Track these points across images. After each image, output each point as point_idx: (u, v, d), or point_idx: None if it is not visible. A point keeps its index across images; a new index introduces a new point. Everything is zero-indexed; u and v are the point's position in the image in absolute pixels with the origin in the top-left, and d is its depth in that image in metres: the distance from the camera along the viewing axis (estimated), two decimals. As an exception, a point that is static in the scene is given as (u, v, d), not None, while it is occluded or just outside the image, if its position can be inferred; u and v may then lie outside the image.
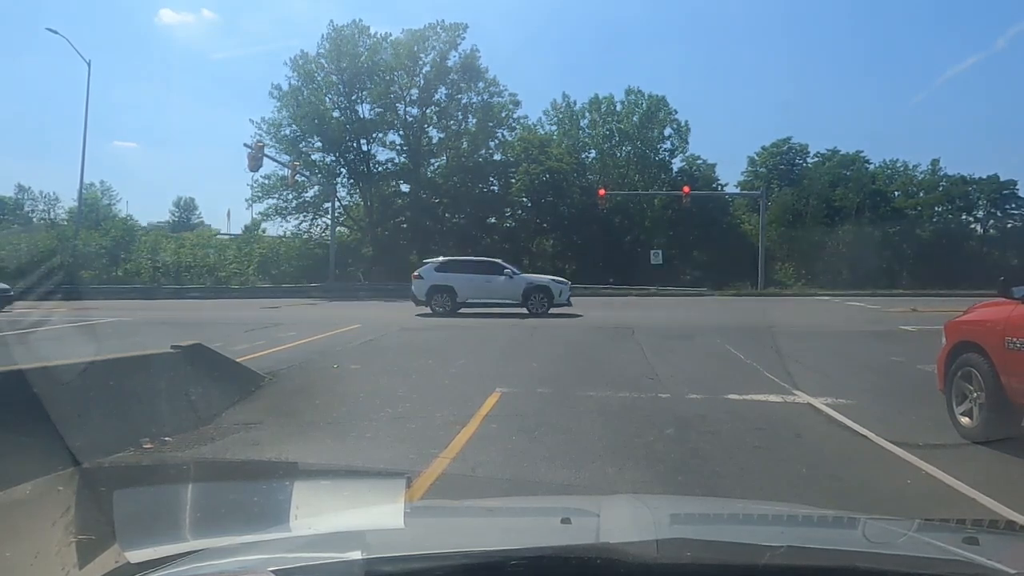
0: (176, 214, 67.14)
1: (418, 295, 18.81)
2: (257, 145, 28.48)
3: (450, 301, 18.45)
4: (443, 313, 18.13)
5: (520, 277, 19.03)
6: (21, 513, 3.78)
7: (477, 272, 19.08)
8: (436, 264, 19.49)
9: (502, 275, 18.82)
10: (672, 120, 43.45)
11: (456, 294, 18.53)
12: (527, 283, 18.70)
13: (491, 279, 18.73)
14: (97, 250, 34.78)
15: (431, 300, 18.54)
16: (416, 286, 18.99)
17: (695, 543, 1.50)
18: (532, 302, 18.16)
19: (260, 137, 35.22)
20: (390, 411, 6.53)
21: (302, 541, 1.79)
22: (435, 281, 18.79)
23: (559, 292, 18.40)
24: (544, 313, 17.87)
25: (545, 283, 18.86)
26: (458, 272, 19.01)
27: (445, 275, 18.85)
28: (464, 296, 18.58)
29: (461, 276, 18.85)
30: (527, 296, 18.27)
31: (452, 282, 18.71)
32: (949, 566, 1.43)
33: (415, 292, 18.95)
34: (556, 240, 41.43)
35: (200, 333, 10.89)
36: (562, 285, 18.79)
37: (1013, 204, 40.98)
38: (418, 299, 18.81)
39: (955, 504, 4.06)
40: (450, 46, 39.15)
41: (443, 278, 18.79)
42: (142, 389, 5.84)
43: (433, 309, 18.39)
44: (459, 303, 18.55)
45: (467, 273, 19.00)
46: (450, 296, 18.51)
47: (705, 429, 5.74)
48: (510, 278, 18.69)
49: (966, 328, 5.83)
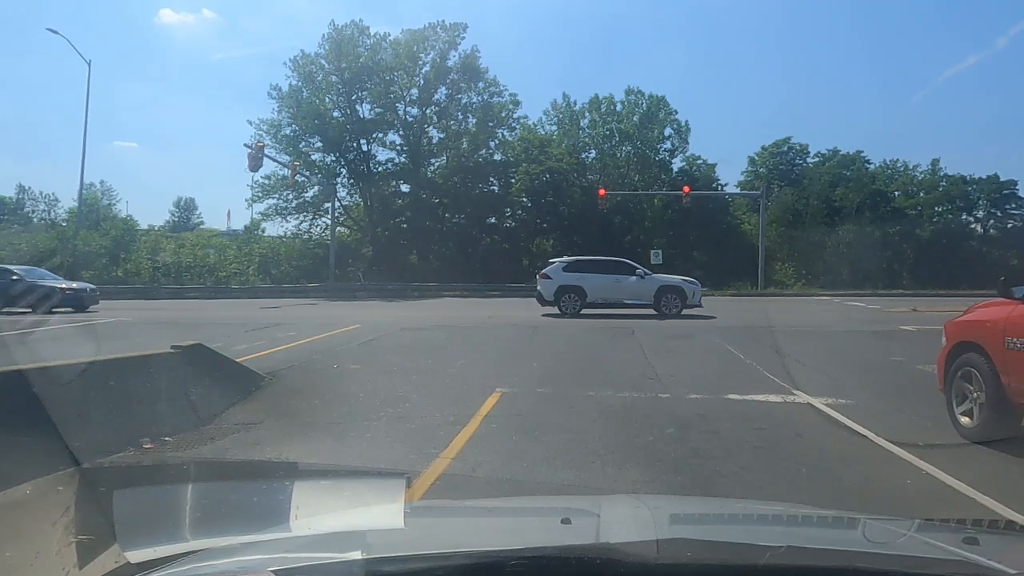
0: (176, 214, 67.20)
1: (545, 295, 18.26)
2: (257, 145, 28.47)
3: (579, 301, 17.97)
4: (571, 314, 17.64)
5: (652, 278, 18.39)
6: (21, 513, 3.78)
7: (608, 272, 18.51)
8: (564, 263, 18.92)
9: (634, 275, 18.25)
10: (672, 120, 43.46)
11: (586, 294, 18.00)
12: (660, 284, 18.10)
13: (622, 279, 18.20)
14: (97, 250, 34.80)
15: (559, 300, 18.02)
16: (543, 286, 18.40)
17: (695, 543, 1.50)
18: (664, 303, 17.64)
19: (260, 137, 35.30)
20: (390, 411, 6.53)
21: (302, 541, 1.79)
22: (564, 281, 18.22)
23: (692, 293, 17.84)
24: (676, 315, 17.31)
25: (678, 283, 18.24)
26: (588, 272, 18.43)
27: (574, 275, 18.29)
28: (594, 297, 18.08)
29: (591, 276, 18.28)
30: (659, 297, 17.74)
31: (582, 282, 18.15)
32: (949, 566, 1.43)
33: (542, 292, 18.37)
34: (556, 240, 41.38)
35: (200, 333, 10.91)
36: (694, 286, 18.19)
37: (1013, 204, 40.98)
38: (545, 299, 18.27)
39: (955, 504, 4.06)
40: (450, 46, 39.22)
41: (572, 278, 18.23)
42: (142, 389, 5.84)
43: (561, 309, 17.92)
44: (588, 303, 18.06)
45: (597, 273, 18.43)
46: (579, 296, 18.01)
47: (705, 429, 5.74)
48: (641, 278, 18.13)
49: (966, 328, 5.82)
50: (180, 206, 68.23)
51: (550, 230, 41.04)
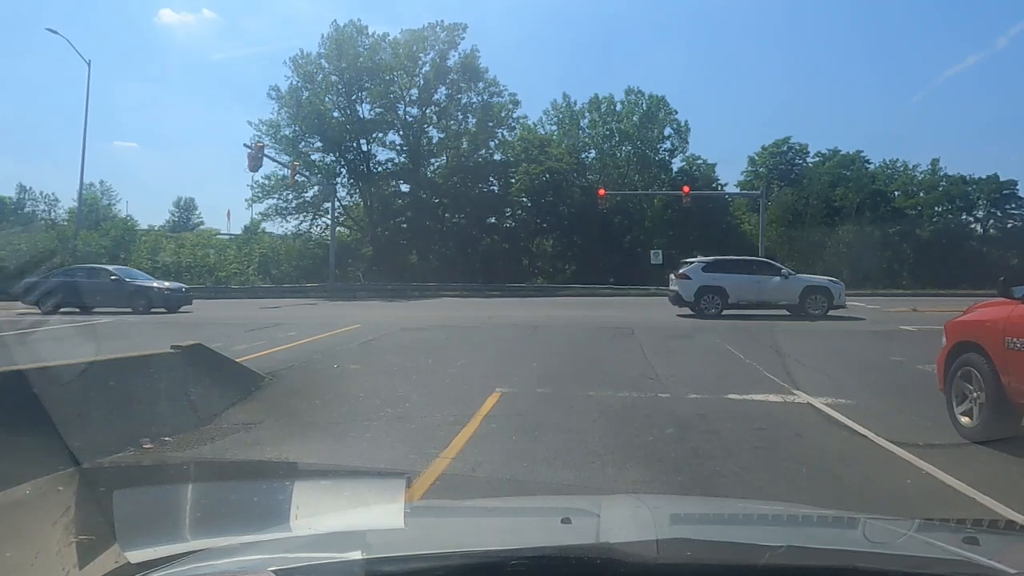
0: (176, 214, 67.14)
1: (685, 296, 17.78)
2: (257, 145, 28.47)
3: (720, 303, 17.46)
4: (713, 315, 17.17)
5: (797, 278, 17.87)
6: (21, 513, 3.78)
7: (750, 272, 18.10)
8: (704, 264, 18.37)
9: (778, 276, 17.81)
10: (672, 120, 43.52)
11: (727, 295, 17.47)
12: (805, 284, 17.59)
13: (764, 280, 17.74)
14: (97, 250, 34.73)
15: (699, 301, 17.52)
16: (683, 286, 17.89)
17: (695, 543, 1.50)
18: (810, 304, 17.13)
19: (260, 137, 35.30)
20: (390, 411, 6.53)
21: (302, 541, 1.79)
22: (704, 282, 17.69)
23: (838, 294, 17.32)
24: (823, 316, 16.83)
25: (824, 284, 17.72)
26: (729, 272, 17.94)
27: (715, 275, 17.79)
28: (736, 298, 17.57)
29: (733, 276, 17.76)
30: (804, 298, 17.23)
31: (723, 283, 17.62)
32: (949, 566, 1.43)
33: (681, 293, 17.88)
34: (556, 240, 41.45)
35: (200, 333, 10.91)
36: (839, 286, 17.67)
37: (1013, 204, 41.04)
38: (684, 300, 17.80)
39: (955, 504, 4.06)
40: (450, 46, 39.25)
41: (713, 278, 17.72)
42: (142, 389, 5.85)
43: (701, 311, 17.41)
44: (729, 305, 17.57)
45: (739, 273, 17.96)
46: (721, 297, 17.47)
47: (705, 429, 5.74)
48: (785, 279, 17.65)
49: (966, 328, 5.82)
50: (180, 206, 68.17)
51: (550, 230, 41.08)
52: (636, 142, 43.38)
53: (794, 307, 17.39)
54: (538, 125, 45.05)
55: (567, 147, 42.39)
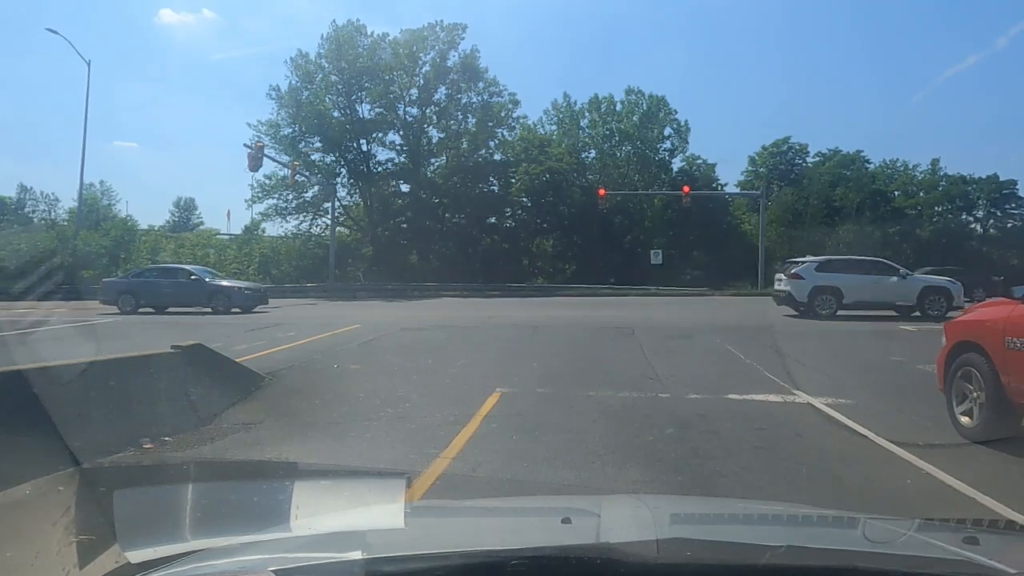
0: (176, 214, 67.14)
1: (798, 296, 17.26)
2: (257, 145, 28.47)
3: (835, 303, 16.88)
4: (826, 316, 16.67)
5: (914, 278, 17.54)
6: (21, 513, 3.78)
7: (865, 272, 17.57)
8: (816, 263, 17.95)
9: (895, 275, 17.35)
10: (672, 120, 43.56)
11: (842, 296, 16.89)
12: (923, 284, 17.21)
13: (881, 280, 17.26)
14: (97, 250, 34.75)
15: (813, 302, 16.99)
16: (795, 287, 17.35)
17: (695, 543, 1.50)
18: (929, 305, 16.65)
19: (260, 138, 35.29)
20: (390, 411, 6.53)
21: (302, 541, 1.79)
22: (818, 282, 17.17)
23: (957, 294, 16.86)
24: (942, 317, 16.15)
25: (943, 284, 17.31)
26: (844, 272, 17.44)
27: (829, 275, 17.29)
28: (852, 298, 16.99)
29: (848, 276, 17.22)
30: (923, 299, 16.79)
31: (838, 283, 17.10)
32: (949, 566, 1.43)
33: (793, 293, 17.35)
34: (556, 240, 41.47)
35: (200, 333, 10.91)
36: (957, 286, 17.24)
37: (1013, 204, 41.09)
38: (796, 300, 17.31)
39: (955, 504, 4.06)
40: (449, 46, 39.27)
41: (827, 278, 17.21)
42: (142, 389, 5.84)
43: (815, 312, 16.85)
44: (844, 306, 17.01)
45: (854, 273, 17.41)
46: (835, 298, 16.88)
47: (705, 429, 5.74)
48: (903, 279, 17.24)
49: (966, 328, 5.83)
50: (180, 206, 68.17)
51: (550, 230, 41.10)
52: (636, 142, 43.40)
53: (909, 308, 16.98)
54: (538, 125, 45.14)
55: (567, 147, 42.41)
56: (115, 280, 21.93)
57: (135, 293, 20.38)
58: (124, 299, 20.14)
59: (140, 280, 21.22)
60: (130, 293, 20.37)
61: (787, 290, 17.71)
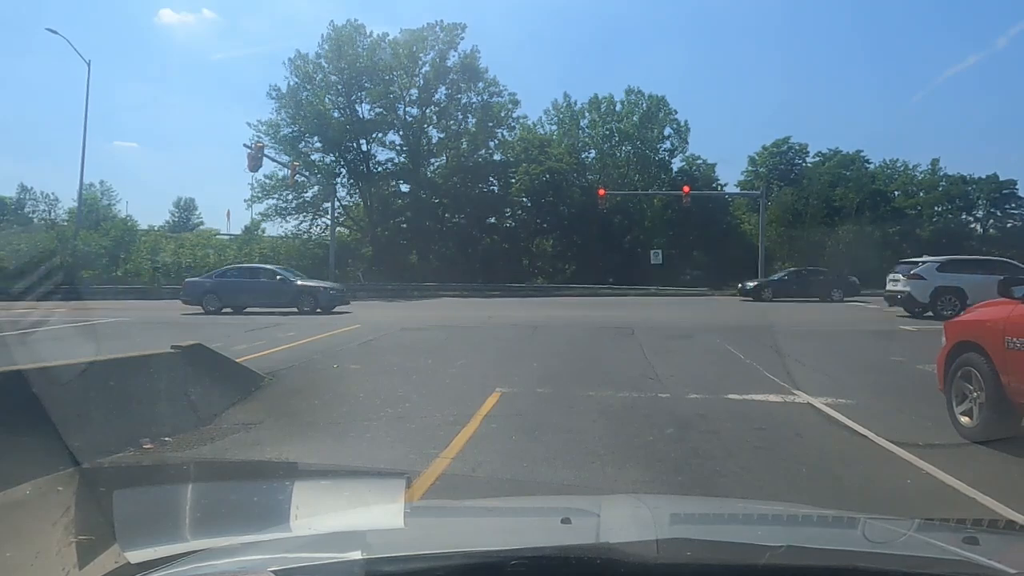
0: (176, 214, 67.09)
1: (919, 297, 16.66)
2: (257, 145, 28.46)
3: (959, 304, 15.66)
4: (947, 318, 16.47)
5: None
6: (21, 513, 3.77)
7: (991, 272, 16.02)
8: (937, 263, 17.32)
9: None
10: (672, 120, 43.56)
11: (967, 297, 15.75)
12: None
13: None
14: (97, 250, 34.73)
15: (935, 303, 16.36)
16: (915, 287, 16.76)
17: (695, 543, 1.50)
18: None
19: (259, 138, 35.30)
20: (390, 411, 6.53)
21: (302, 541, 1.79)
22: (941, 282, 16.59)
23: None
24: None
25: None
26: (968, 272, 16.70)
27: (952, 275, 16.66)
28: (976, 299, 16.43)
29: (973, 277, 16.34)
30: None
31: (962, 283, 16.38)
32: (949, 566, 1.43)
33: (914, 294, 16.75)
34: (556, 240, 41.47)
35: (200, 333, 10.92)
36: None
37: (1013, 204, 41.11)
38: (918, 301, 16.67)
39: (955, 504, 4.06)
40: (449, 46, 39.26)
41: (950, 278, 16.60)
42: (142, 389, 5.84)
43: (937, 313, 15.94)
44: (968, 307, 16.68)
45: (980, 274, 16.39)
46: (959, 299, 15.93)
47: (705, 429, 5.74)
48: None
49: (966, 328, 5.82)
50: (180, 206, 68.07)
51: (550, 230, 41.10)
52: (636, 142, 43.40)
53: None
54: (538, 125, 45.14)
55: (567, 147, 42.41)
56: (198, 280, 21.54)
57: (219, 293, 20.14)
58: (208, 299, 19.91)
59: (224, 280, 20.90)
60: (214, 293, 20.13)
61: (906, 291, 17.05)
